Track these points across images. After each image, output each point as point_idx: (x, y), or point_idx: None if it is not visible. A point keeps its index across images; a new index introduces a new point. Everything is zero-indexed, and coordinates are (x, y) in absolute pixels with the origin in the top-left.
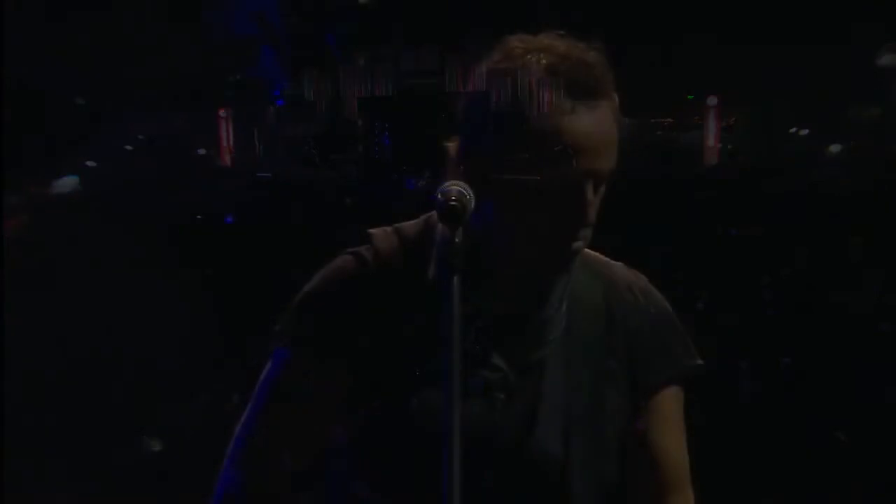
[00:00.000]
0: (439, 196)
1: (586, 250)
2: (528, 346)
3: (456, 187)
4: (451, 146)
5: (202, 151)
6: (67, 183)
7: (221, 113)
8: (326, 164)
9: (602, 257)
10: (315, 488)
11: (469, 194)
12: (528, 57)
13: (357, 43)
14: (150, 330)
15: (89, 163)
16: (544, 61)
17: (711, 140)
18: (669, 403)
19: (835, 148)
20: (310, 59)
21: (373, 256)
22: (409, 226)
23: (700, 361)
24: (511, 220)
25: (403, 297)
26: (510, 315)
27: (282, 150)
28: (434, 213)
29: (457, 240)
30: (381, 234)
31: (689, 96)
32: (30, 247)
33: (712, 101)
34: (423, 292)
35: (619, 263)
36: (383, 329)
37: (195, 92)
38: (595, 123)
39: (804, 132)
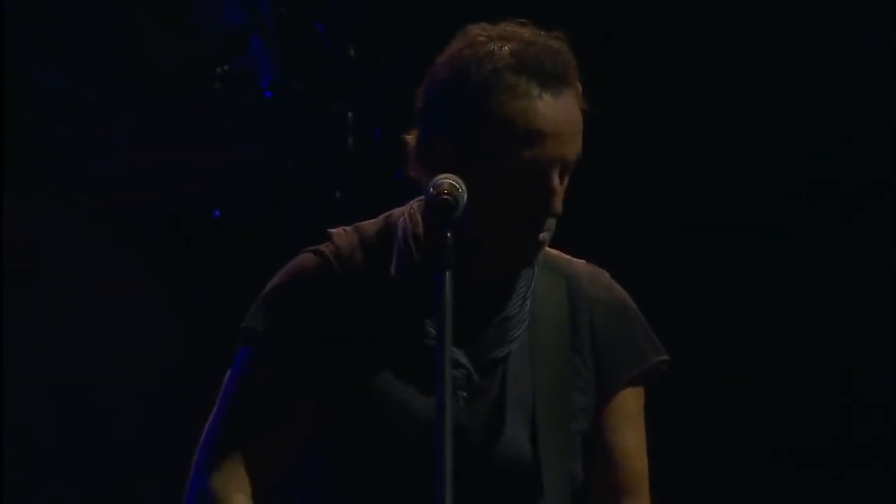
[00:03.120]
0: (431, 189)
1: (547, 248)
2: (491, 343)
3: (448, 180)
4: (410, 138)
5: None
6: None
7: None
8: (316, 157)
9: (563, 254)
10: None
11: (462, 187)
12: (492, 44)
13: (348, 33)
14: (138, 329)
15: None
16: (508, 47)
17: None
18: (632, 402)
19: None
20: (299, 49)
21: (333, 254)
22: (370, 224)
23: (666, 357)
24: (474, 210)
25: (365, 295)
26: (471, 312)
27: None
28: (395, 210)
29: (448, 234)
30: (341, 233)
31: None
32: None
33: None
34: (385, 289)
35: (580, 260)
36: (347, 326)
37: (182, 83)
38: (561, 110)
39: None
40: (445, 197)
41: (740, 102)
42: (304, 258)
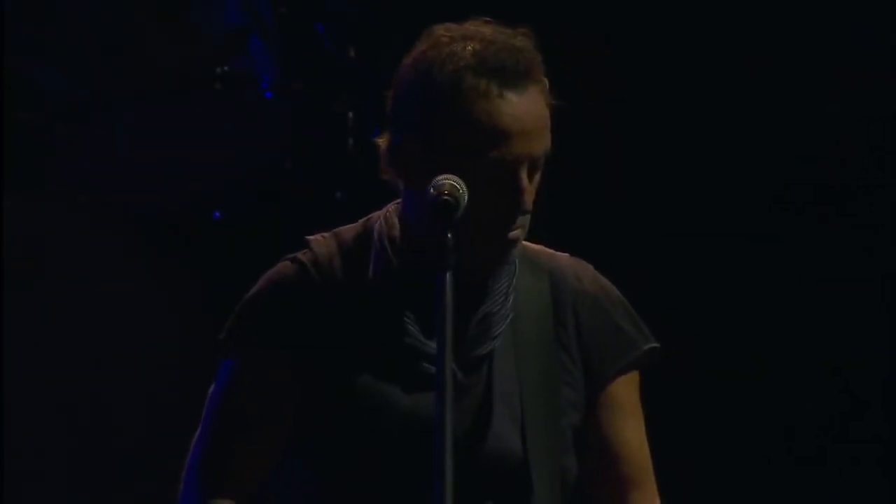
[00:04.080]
0: (431, 190)
1: (529, 244)
2: (474, 341)
3: (449, 181)
4: (382, 141)
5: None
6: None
7: None
8: (316, 158)
9: (546, 249)
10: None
11: (462, 188)
12: (455, 45)
13: (348, 33)
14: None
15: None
16: (470, 47)
17: None
18: (626, 392)
19: None
20: (299, 49)
21: (311, 261)
22: (348, 229)
23: (656, 343)
24: None
25: (343, 300)
26: (454, 309)
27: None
28: (374, 214)
29: (449, 235)
30: (319, 240)
31: None
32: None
33: None
34: (363, 293)
35: (563, 254)
36: (326, 331)
37: (182, 83)
38: (525, 107)
39: None
40: (446, 198)
41: (737, 103)
42: (282, 266)
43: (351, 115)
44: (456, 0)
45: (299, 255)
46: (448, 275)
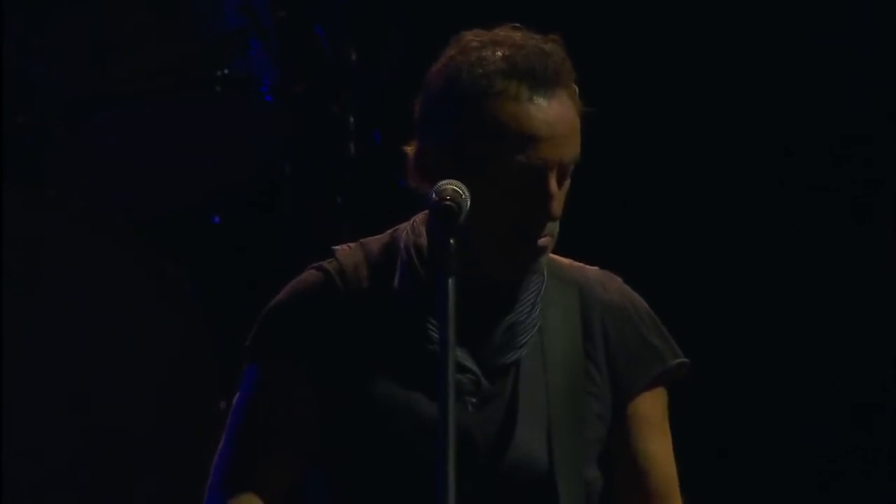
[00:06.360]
0: (433, 195)
1: (558, 257)
2: (499, 349)
3: (451, 186)
4: (410, 148)
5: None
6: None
7: None
8: (317, 161)
9: (576, 262)
10: None
11: (465, 193)
12: (484, 50)
13: (349, 35)
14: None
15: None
16: (500, 52)
17: None
18: (653, 407)
19: None
20: (299, 52)
21: (336, 270)
22: (375, 239)
23: (684, 359)
24: (473, 217)
25: (368, 309)
26: (479, 317)
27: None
28: (400, 225)
29: (451, 241)
30: (346, 249)
31: None
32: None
33: None
34: (388, 303)
35: (593, 267)
36: (350, 341)
37: (182, 86)
38: (554, 112)
39: None
40: (448, 203)
41: (743, 104)
42: (307, 275)
43: (351, 118)
44: (459, 2)
45: (325, 263)
46: (451, 280)
